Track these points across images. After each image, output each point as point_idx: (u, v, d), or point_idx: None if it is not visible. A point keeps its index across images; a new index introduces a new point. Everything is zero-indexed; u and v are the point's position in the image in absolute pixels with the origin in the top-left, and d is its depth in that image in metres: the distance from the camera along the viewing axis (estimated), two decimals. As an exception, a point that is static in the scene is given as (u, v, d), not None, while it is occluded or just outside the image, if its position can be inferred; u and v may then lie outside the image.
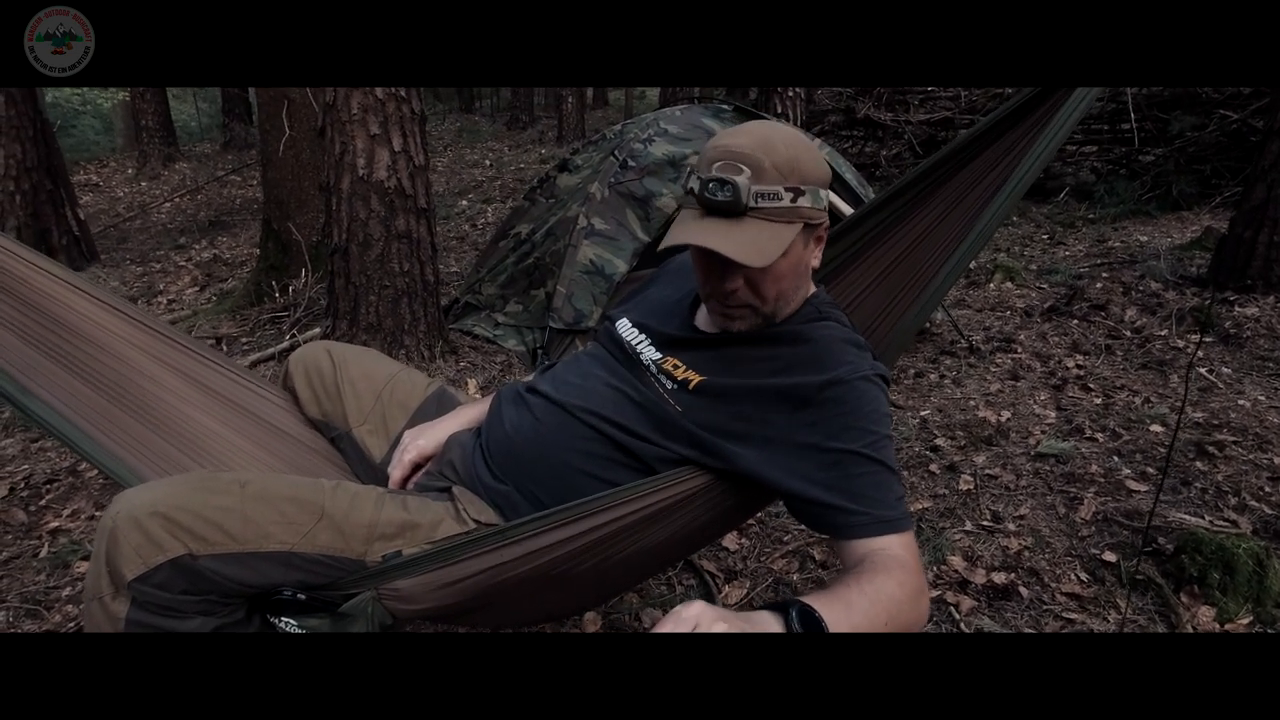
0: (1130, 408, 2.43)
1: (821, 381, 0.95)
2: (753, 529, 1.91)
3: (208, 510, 0.85)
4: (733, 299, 0.99)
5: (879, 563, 0.86)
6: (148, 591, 0.81)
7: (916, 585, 0.85)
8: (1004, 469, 2.12)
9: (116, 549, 0.81)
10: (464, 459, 1.14)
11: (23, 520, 2.04)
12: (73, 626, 1.61)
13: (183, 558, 0.82)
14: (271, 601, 0.90)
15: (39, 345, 1.08)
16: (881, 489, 0.92)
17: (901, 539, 0.90)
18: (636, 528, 0.99)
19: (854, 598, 0.80)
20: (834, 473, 0.92)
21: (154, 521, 0.82)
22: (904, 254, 1.27)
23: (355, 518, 0.94)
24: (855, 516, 0.90)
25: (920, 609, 0.85)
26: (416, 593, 0.95)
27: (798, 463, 0.94)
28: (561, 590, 1.04)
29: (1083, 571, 1.70)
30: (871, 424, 0.94)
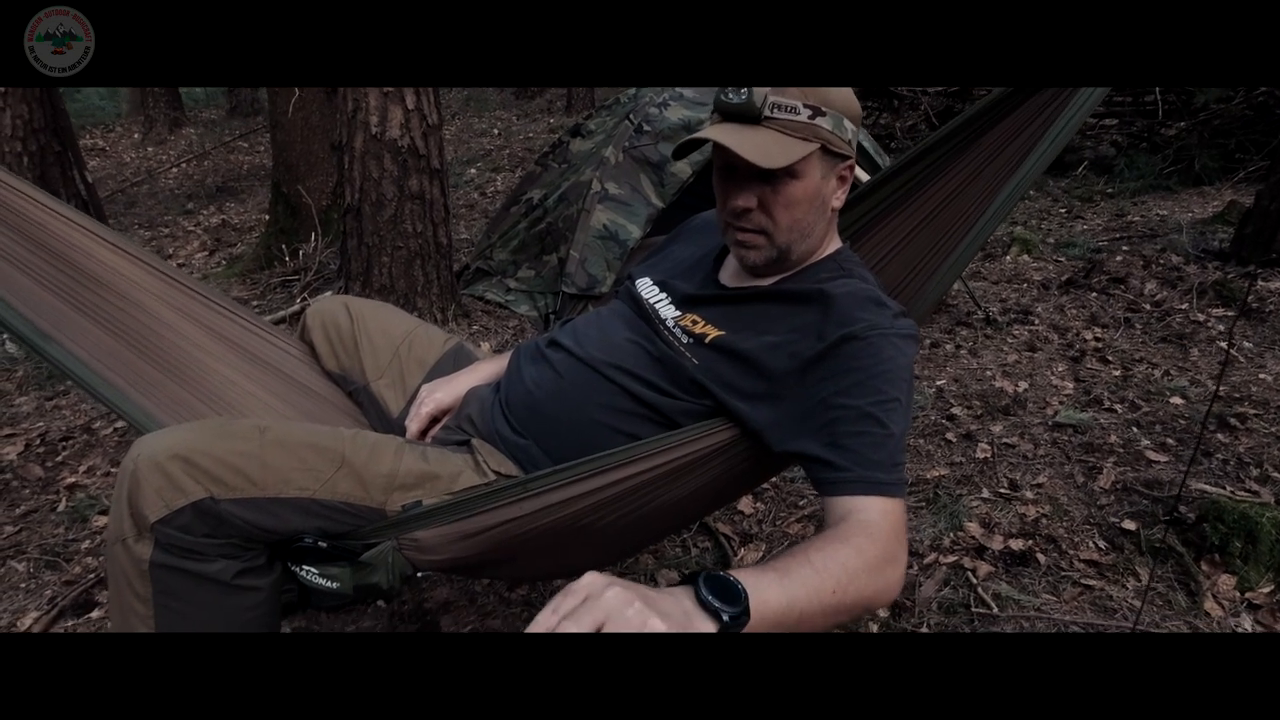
0: (1150, 380, 2.40)
1: (835, 338, 0.92)
2: (768, 493, 1.90)
3: (228, 455, 0.84)
4: (746, 220, 0.97)
5: (845, 528, 0.80)
6: (171, 534, 0.80)
7: (880, 554, 0.78)
8: (1021, 438, 2.10)
9: (138, 491, 0.80)
10: (483, 413, 1.13)
11: (39, 475, 2.05)
12: (92, 578, 1.62)
13: (204, 501, 0.81)
14: (293, 549, 0.89)
15: (59, 291, 1.07)
16: (876, 449, 0.86)
17: (884, 503, 0.83)
18: (657, 483, 0.98)
19: (794, 565, 0.72)
20: (832, 428, 0.88)
21: (175, 465, 0.81)
22: (929, 217, 1.24)
23: (375, 467, 0.93)
24: (839, 472, 0.85)
25: (884, 580, 0.78)
26: (436, 544, 0.94)
27: (803, 422, 0.91)
28: (580, 545, 1.03)
29: (1101, 540, 1.69)
30: (882, 383, 0.89)
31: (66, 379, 2.67)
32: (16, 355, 2.86)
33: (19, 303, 0.98)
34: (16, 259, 1.04)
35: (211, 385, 1.14)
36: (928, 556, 1.66)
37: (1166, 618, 1.47)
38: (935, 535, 1.73)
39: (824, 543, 0.77)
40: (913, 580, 1.58)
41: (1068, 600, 1.53)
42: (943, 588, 1.57)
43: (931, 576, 1.60)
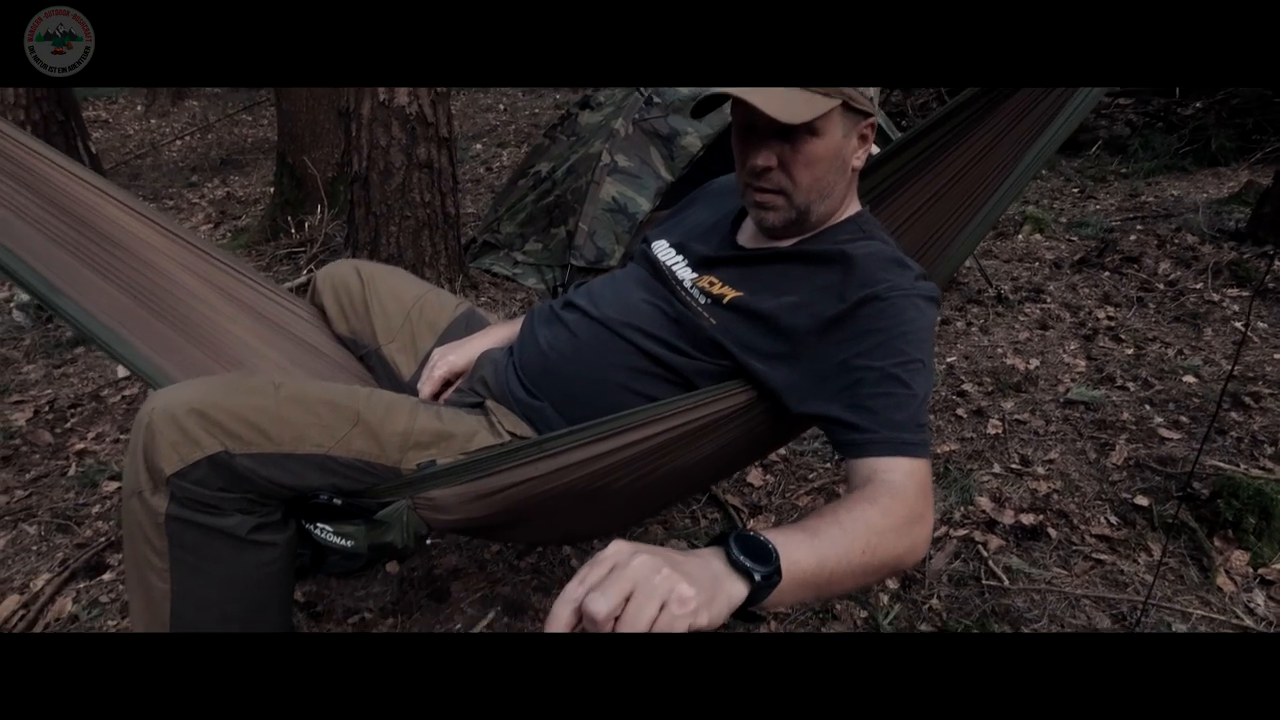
0: (1163, 359, 2.38)
1: (857, 299, 0.90)
2: (777, 465, 1.89)
3: (243, 410, 0.83)
4: (765, 180, 0.95)
5: (871, 489, 0.79)
6: (186, 487, 0.80)
7: (907, 514, 0.77)
8: (1033, 414, 2.09)
9: (154, 445, 0.79)
10: (496, 375, 1.12)
11: (49, 441, 2.06)
12: (103, 541, 1.62)
13: (219, 455, 0.80)
14: (308, 506, 0.89)
15: (71, 249, 1.06)
16: (899, 410, 0.85)
17: (908, 464, 0.82)
18: (673, 446, 0.97)
19: (823, 526, 0.71)
20: (854, 391, 0.86)
21: (190, 419, 0.80)
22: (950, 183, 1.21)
23: (390, 425, 0.92)
24: (863, 434, 0.84)
25: (911, 539, 0.77)
26: (450, 503, 0.93)
27: (822, 384, 0.89)
28: (594, 508, 1.03)
29: (1113, 515, 1.68)
30: (904, 344, 0.88)
31: (74, 348, 2.66)
32: (24, 324, 2.85)
33: (30, 256, 0.97)
34: (28, 215, 1.03)
35: (224, 345, 1.13)
36: (938, 530, 1.65)
37: (1178, 592, 1.47)
38: (946, 509, 1.72)
39: (851, 504, 0.76)
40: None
41: (1079, 574, 1.53)
42: (953, 560, 1.57)
43: (942, 550, 1.59)
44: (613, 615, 0.56)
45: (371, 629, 1.42)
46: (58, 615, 1.45)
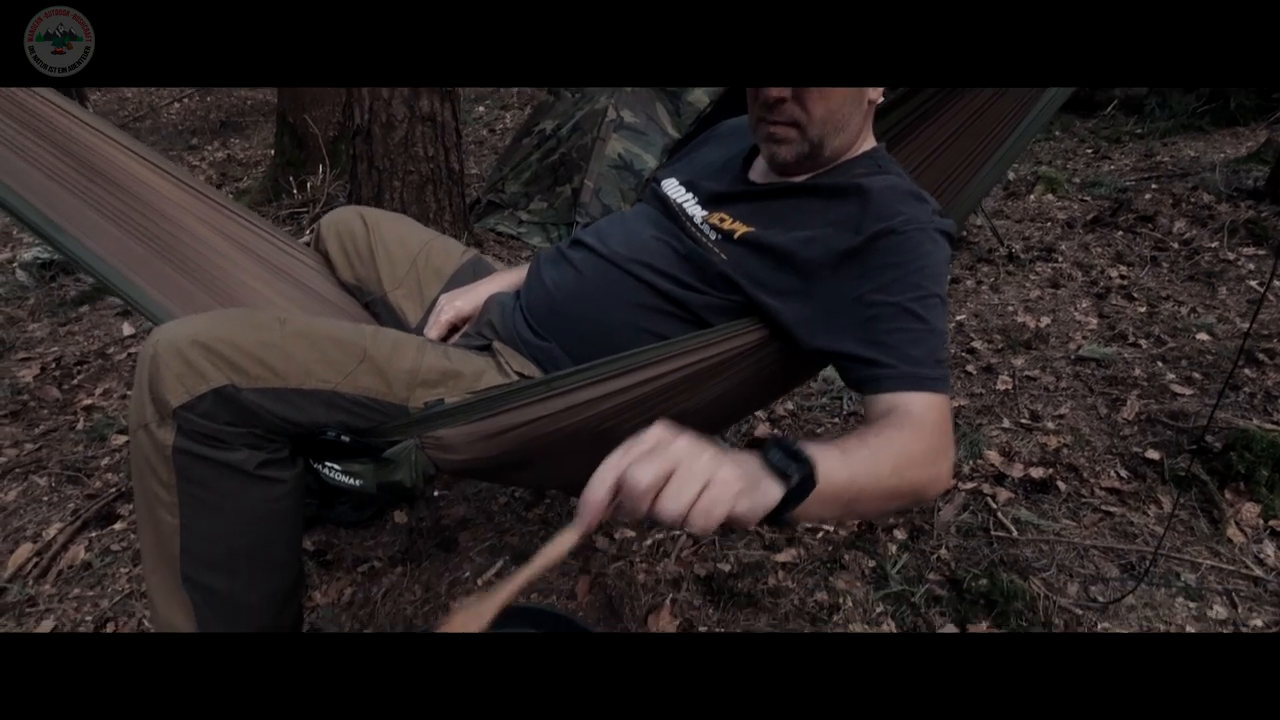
0: (1176, 317, 2.35)
1: (872, 233, 0.88)
2: (785, 420, 1.88)
3: (249, 344, 0.82)
4: (778, 113, 0.92)
5: (894, 419, 0.78)
6: (193, 420, 0.79)
7: (934, 445, 0.77)
8: (1043, 371, 2.07)
9: (159, 377, 0.78)
10: (503, 318, 1.10)
11: (56, 397, 2.06)
12: (113, 492, 1.63)
13: (226, 388, 0.79)
14: (317, 443, 0.88)
15: (74, 190, 1.03)
16: (918, 345, 0.83)
17: (929, 398, 0.80)
18: (683, 385, 0.95)
19: (852, 446, 0.70)
20: (871, 326, 0.85)
21: (195, 351, 0.79)
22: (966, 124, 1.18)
23: (398, 363, 0.91)
24: (881, 369, 0.83)
25: (937, 470, 0.76)
26: (459, 443, 0.92)
27: (837, 318, 0.88)
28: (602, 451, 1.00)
29: (1123, 469, 1.67)
30: (921, 278, 0.86)
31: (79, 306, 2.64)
32: (27, 283, 2.84)
33: (32, 195, 0.95)
34: (29, 154, 1.01)
35: (228, 288, 1.11)
36: (946, 483, 1.65)
37: (1188, 543, 1.46)
38: (954, 464, 1.71)
39: (878, 429, 0.75)
40: (931, 505, 1.58)
41: (1088, 526, 1.52)
42: (961, 512, 1.56)
43: (950, 502, 1.59)
44: (653, 489, 0.55)
45: (381, 577, 1.42)
46: (71, 562, 1.46)
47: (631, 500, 0.56)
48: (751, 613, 1.33)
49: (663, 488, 0.56)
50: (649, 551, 1.46)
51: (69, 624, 1.33)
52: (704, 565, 1.43)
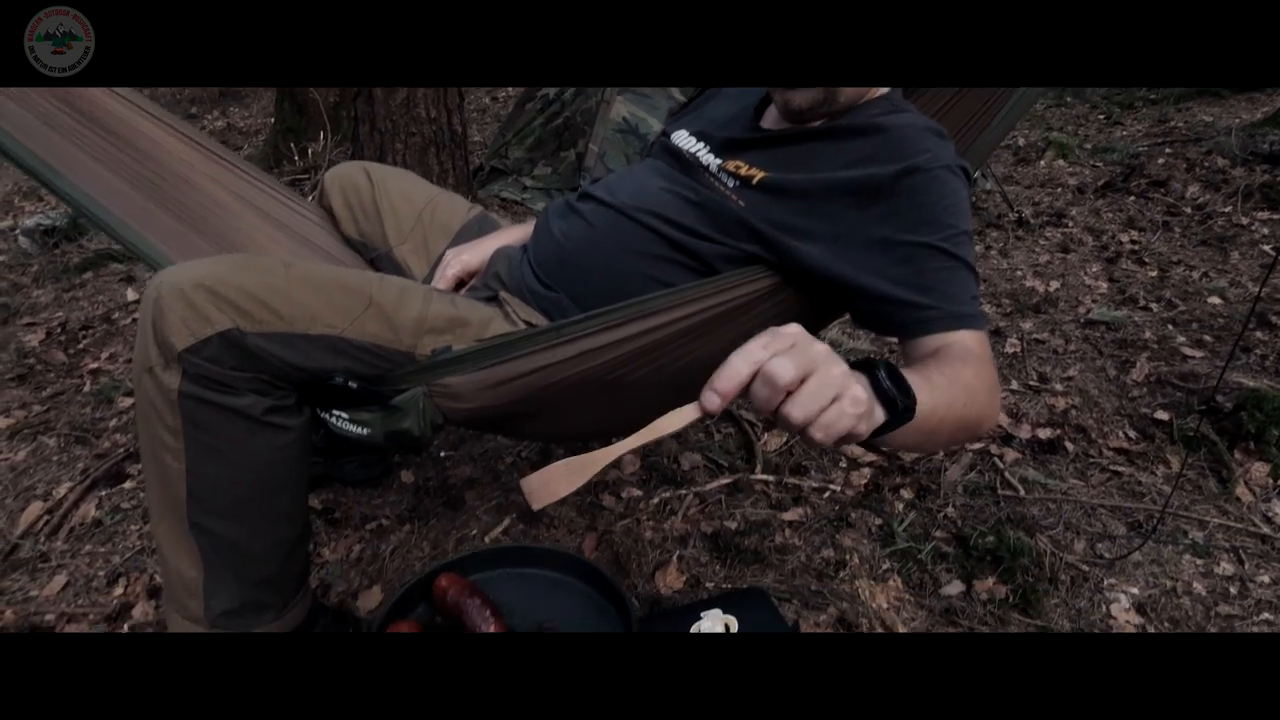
0: (1187, 281, 2.33)
1: (898, 170, 0.86)
2: (792, 383, 1.87)
3: (253, 287, 0.81)
4: None
5: (953, 354, 0.80)
6: (198, 364, 0.78)
7: (991, 378, 0.79)
8: (1052, 334, 2.06)
9: (163, 320, 0.78)
10: (510, 270, 1.09)
11: (63, 361, 2.06)
12: (122, 452, 1.63)
13: (231, 332, 0.79)
14: (324, 390, 0.87)
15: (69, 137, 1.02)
16: (956, 284, 0.84)
17: (976, 335, 0.83)
18: (694, 333, 0.94)
19: (933, 375, 0.70)
20: (906, 268, 0.85)
21: (199, 294, 0.78)
22: None
23: (404, 310, 0.90)
24: (926, 311, 0.83)
25: (994, 403, 0.79)
26: (466, 391, 0.92)
27: (867, 259, 0.87)
28: (612, 400, 1.01)
29: (1132, 429, 1.66)
30: (950, 217, 0.86)
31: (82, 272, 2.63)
32: (30, 250, 2.83)
33: (30, 141, 0.94)
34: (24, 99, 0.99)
35: (231, 240, 1.10)
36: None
37: (1196, 502, 1.46)
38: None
39: (943, 363, 0.76)
40: (938, 465, 1.57)
41: (1096, 485, 1.52)
42: (968, 472, 1.56)
43: (957, 462, 1.59)
44: (790, 387, 0.55)
45: (388, 534, 1.43)
46: (81, 520, 1.47)
47: (767, 390, 0.55)
48: (758, 569, 1.33)
49: (797, 388, 0.56)
50: (655, 510, 1.46)
51: (81, 579, 1.34)
52: (710, 523, 1.43)
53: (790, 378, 0.55)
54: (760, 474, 1.54)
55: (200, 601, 0.89)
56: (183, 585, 0.89)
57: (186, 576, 0.88)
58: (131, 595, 1.30)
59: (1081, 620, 1.22)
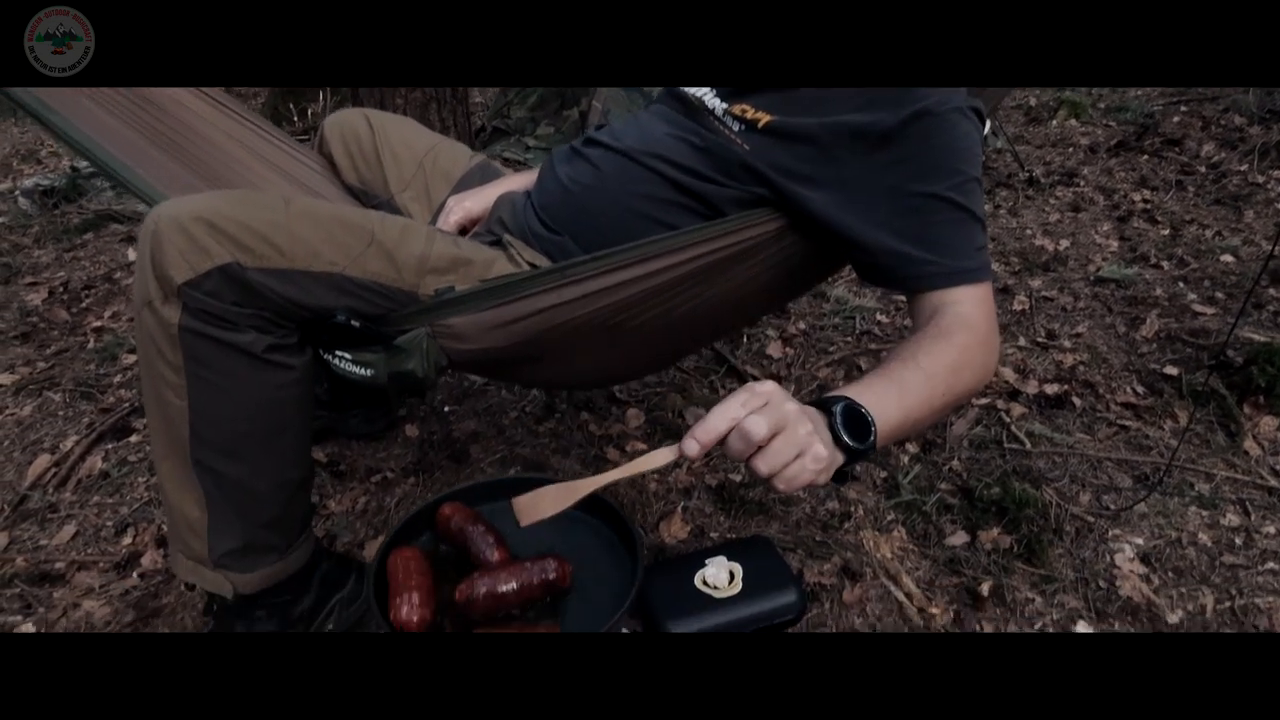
0: (1200, 240, 2.29)
1: (908, 114, 0.84)
2: (798, 339, 1.86)
3: (253, 222, 0.79)
4: None
5: (944, 324, 0.80)
6: (199, 298, 0.77)
7: (980, 345, 0.80)
8: (1061, 292, 2.04)
9: (161, 253, 0.76)
10: (514, 215, 1.07)
11: (65, 319, 2.05)
12: (127, 407, 1.64)
13: (231, 266, 0.78)
14: (327, 328, 0.86)
15: None
16: (960, 236, 0.84)
17: (975, 291, 0.83)
18: (700, 276, 0.93)
19: (907, 374, 0.75)
20: (911, 219, 0.84)
21: (198, 227, 0.77)
22: None
23: (406, 248, 0.89)
24: (926, 266, 0.83)
25: (984, 370, 0.81)
26: (471, 331, 0.91)
27: (872, 209, 0.86)
28: (618, 345, 1.00)
29: (1140, 385, 1.65)
30: (959, 163, 0.84)
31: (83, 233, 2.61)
32: (30, 210, 2.82)
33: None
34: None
35: (229, 183, 1.08)
36: (960, 399, 1.63)
37: (1203, 455, 1.45)
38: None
39: (929, 343, 0.78)
40: (943, 420, 1.57)
41: (1102, 439, 1.51)
42: (974, 426, 1.55)
43: (963, 416, 1.58)
44: (762, 442, 0.64)
45: (394, 487, 1.43)
46: (89, 472, 1.47)
47: (741, 444, 0.64)
48: (763, 520, 1.33)
49: (767, 444, 0.64)
50: (660, 462, 1.46)
51: (90, 529, 1.35)
52: (715, 475, 1.43)
53: (762, 435, 0.63)
54: (765, 428, 1.54)
55: (204, 542, 0.90)
56: (187, 526, 0.89)
57: (190, 517, 0.88)
58: (140, 544, 1.31)
59: (1086, 570, 1.22)
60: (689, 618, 1.06)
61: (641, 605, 1.10)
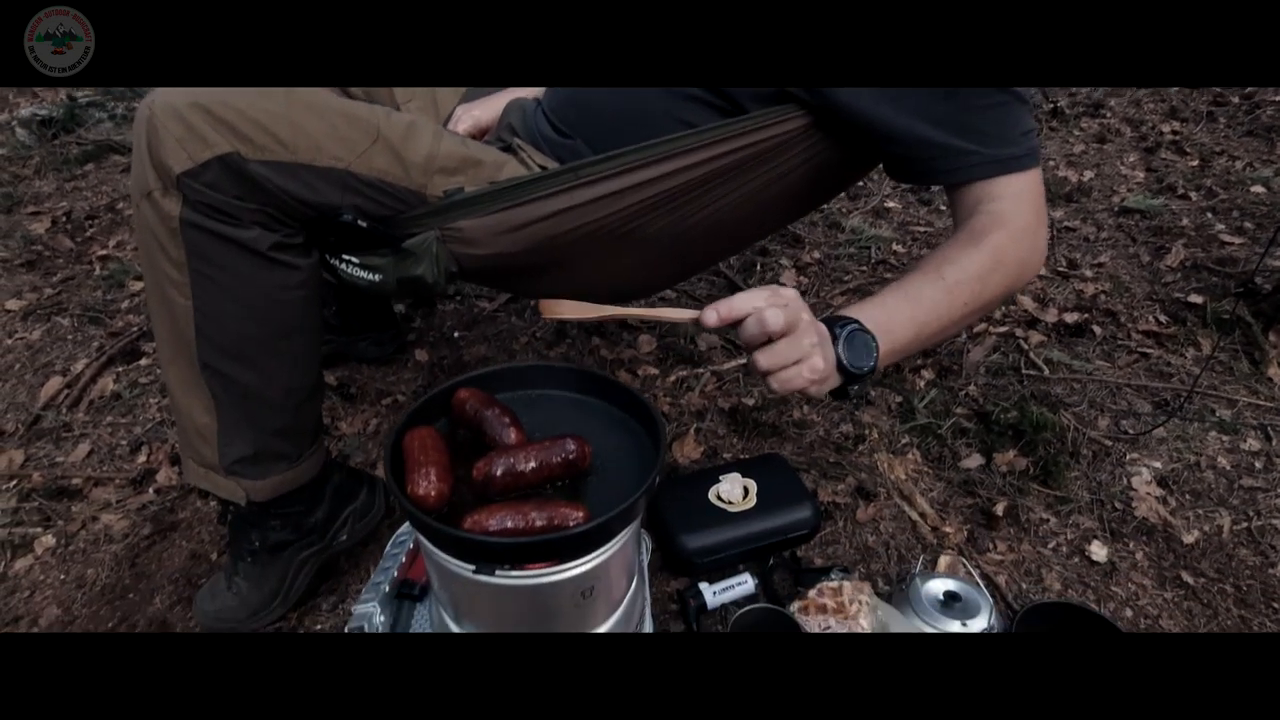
0: (1230, 171, 2.22)
1: None
2: (812, 268, 1.83)
3: (252, 110, 0.76)
4: None
5: (980, 224, 0.78)
6: (199, 190, 0.75)
7: (1017, 239, 0.78)
8: (1084, 222, 1.98)
9: (158, 141, 0.74)
10: (524, 120, 1.03)
11: (70, 247, 2.03)
12: (136, 331, 1.63)
13: (231, 156, 0.75)
14: (333, 228, 0.83)
15: None
16: (1002, 122, 0.79)
17: (1018, 181, 0.79)
18: (717, 179, 0.89)
19: (927, 287, 0.77)
20: (948, 105, 0.79)
21: (195, 114, 0.74)
22: None
23: (413, 146, 0.85)
24: (966, 156, 0.79)
25: (1026, 267, 0.81)
26: (480, 235, 0.88)
27: (904, 95, 0.81)
28: (630, 254, 0.97)
29: (1163, 314, 1.61)
30: None
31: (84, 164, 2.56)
32: (29, 141, 2.76)
33: None
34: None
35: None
36: (977, 327, 1.60)
37: (1225, 382, 1.43)
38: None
39: (958, 251, 0.78)
40: (960, 346, 1.54)
41: (1122, 367, 1.49)
42: (991, 353, 1.53)
43: (980, 343, 1.55)
44: (774, 334, 0.67)
45: (404, 410, 1.42)
46: (101, 394, 1.47)
47: (755, 329, 0.67)
48: (776, 441, 1.32)
49: (775, 340, 0.68)
50: (672, 386, 1.45)
51: (104, 447, 1.35)
52: (728, 399, 1.41)
53: (777, 327, 0.67)
54: (778, 354, 1.52)
55: (214, 449, 0.89)
56: (196, 432, 0.88)
57: (199, 422, 0.88)
58: (154, 462, 1.32)
59: (1102, 492, 1.21)
60: (703, 531, 1.06)
61: (655, 519, 1.10)
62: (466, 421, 0.75)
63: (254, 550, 0.99)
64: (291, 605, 1.03)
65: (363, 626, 0.85)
